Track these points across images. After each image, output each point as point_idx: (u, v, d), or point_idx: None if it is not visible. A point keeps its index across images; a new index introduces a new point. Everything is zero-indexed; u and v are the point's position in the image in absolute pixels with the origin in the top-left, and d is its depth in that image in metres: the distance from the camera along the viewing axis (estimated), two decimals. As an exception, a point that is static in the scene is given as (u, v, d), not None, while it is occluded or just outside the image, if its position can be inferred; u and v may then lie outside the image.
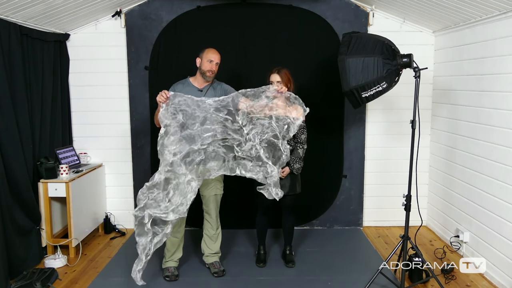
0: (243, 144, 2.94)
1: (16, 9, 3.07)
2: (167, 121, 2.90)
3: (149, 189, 2.87)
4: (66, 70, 4.08)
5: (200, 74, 3.14)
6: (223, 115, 2.95)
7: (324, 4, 4.04)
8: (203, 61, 3.10)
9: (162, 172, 2.87)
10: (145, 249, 2.89)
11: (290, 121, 2.95)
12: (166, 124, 2.89)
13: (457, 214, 3.74)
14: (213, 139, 2.96)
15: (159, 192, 2.87)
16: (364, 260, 3.58)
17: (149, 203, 2.85)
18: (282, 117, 2.95)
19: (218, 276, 3.27)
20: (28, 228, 3.38)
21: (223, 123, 2.95)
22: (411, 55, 2.87)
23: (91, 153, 4.26)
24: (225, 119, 2.95)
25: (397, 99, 4.15)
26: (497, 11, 3.02)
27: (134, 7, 4.04)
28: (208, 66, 3.09)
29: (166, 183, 2.89)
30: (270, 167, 2.91)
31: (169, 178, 2.89)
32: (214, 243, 3.35)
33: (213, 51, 3.13)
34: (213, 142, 2.96)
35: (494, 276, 3.17)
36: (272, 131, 2.94)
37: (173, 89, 3.12)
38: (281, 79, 3.23)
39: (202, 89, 3.16)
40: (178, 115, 2.92)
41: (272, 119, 2.95)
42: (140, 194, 2.87)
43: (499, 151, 3.11)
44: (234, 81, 4.07)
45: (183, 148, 2.89)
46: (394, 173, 4.29)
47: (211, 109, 2.94)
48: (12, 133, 3.16)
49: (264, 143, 2.93)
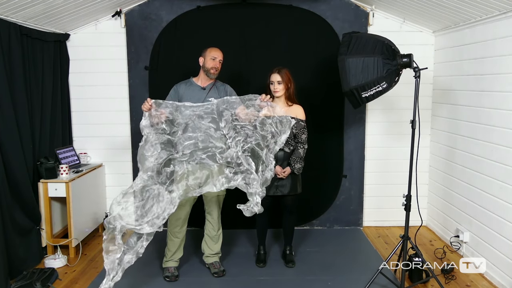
0: (225, 151, 2.86)
1: (16, 9, 3.07)
2: (147, 129, 2.82)
3: (124, 197, 2.70)
4: (66, 70, 4.08)
5: (204, 73, 3.17)
6: (206, 122, 2.89)
7: (324, 4, 4.04)
8: (206, 59, 3.14)
9: (140, 179, 2.73)
10: (113, 269, 2.63)
11: (275, 131, 2.88)
12: (146, 132, 2.81)
13: (457, 214, 3.74)
14: (195, 148, 2.89)
15: (135, 201, 2.69)
16: (364, 260, 3.58)
17: (122, 213, 2.66)
18: (267, 126, 2.88)
19: (218, 276, 3.27)
20: (28, 228, 3.38)
21: (206, 131, 2.89)
22: (411, 55, 2.87)
23: (91, 153, 4.26)
24: (207, 127, 2.89)
25: (397, 99, 4.15)
26: (497, 11, 3.03)
27: (134, 7, 4.04)
28: (211, 64, 3.12)
29: (143, 191, 2.72)
30: (253, 175, 2.81)
31: (146, 186, 2.73)
32: (215, 243, 3.35)
33: (216, 49, 3.18)
34: (194, 152, 2.90)
35: (494, 276, 3.17)
36: (255, 140, 2.87)
37: (175, 89, 3.17)
38: (282, 78, 3.23)
39: (205, 87, 3.18)
40: (159, 123, 2.85)
41: (256, 128, 2.87)
42: (114, 203, 2.69)
43: (499, 151, 3.11)
44: (234, 81, 4.08)
45: (162, 154, 2.78)
46: (394, 173, 4.29)
47: (194, 116, 2.87)
48: (12, 133, 3.16)
49: (248, 152, 2.86)
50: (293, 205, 3.38)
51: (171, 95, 3.17)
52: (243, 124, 2.89)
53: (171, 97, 3.16)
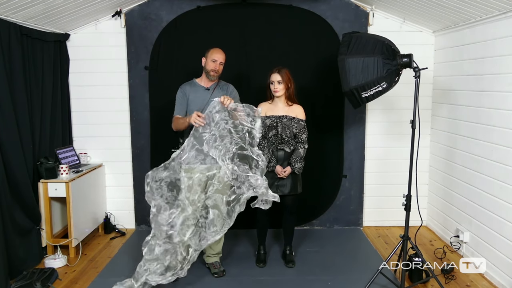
0: (219, 175, 2.93)
1: (16, 9, 3.07)
2: (155, 202, 2.90)
3: (148, 261, 2.89)
4: (66, 70, 4.08)
5: (205, 73, 3.19)
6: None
7: (324, 4, 4.04)
8: (208, 60, 3.16)
9: (160, 244, 2.90)
10: None
11: (248, 127, 2.88)
12: (155, 204, 2.90)
13: (457, 214, 3.74)
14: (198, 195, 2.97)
15: (159, 263, 2.89)
16: (364, 260, 3.58)
17: (149, 276, 2.86)
18: (239, 127, 2.89)
19: (218, 276, 3.27)
20: (28, 228, 3.38)
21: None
22: (411, 55, 2.87)
23: (91, 153, 4.26)
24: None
25: (397, 99, 4.15)
26: (497, 11, 3.02)
27: (134, 7, 4.04)
28: (211, 66, 3.13)
29: (165, 253, 2.91)
30: (253, 177, 2.86)
31: (167, 250, 2.91)
32: (217, 243, 3.36)
33: (218, 50, 3.18)
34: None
35: (494, 276, 3.17)
36: (236, 144, 2.89)
37: (182, 91, 3.18)
38: (282, 78, 3.24)
39: (209, 88, 3.20)
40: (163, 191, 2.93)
41: (231, 132, 2.89)
42: (139, 268, 2.89)
43: (499, 151, 3.11)
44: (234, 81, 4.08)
45: (177, 219, 2.90)
46: (394, 173, 4.29)
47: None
48: (12, 133, 3.16)
49: (236, 159, 2.88)
50: (293, 205, 3.38)
51: (180, 97, 3.17)
52: (220, 136, 2.91)
53: (180, 98, 3.17)
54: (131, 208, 4.33)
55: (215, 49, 3.19)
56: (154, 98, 4.12)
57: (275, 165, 3.25)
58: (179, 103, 3.18)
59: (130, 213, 4.34)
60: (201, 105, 3.14)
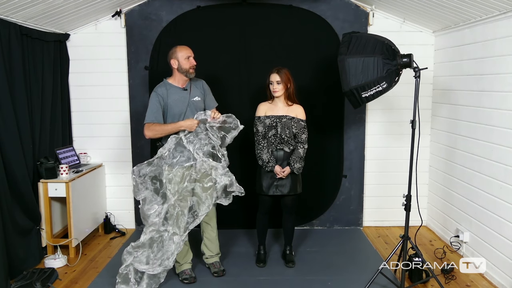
0: (196, 166, 3.05)
1: (16, 9, 3.07)
2: (141, 195, 3.03)
3: (135, 248, 3.02)
4: (66, 70, 4.08)
5: (181, 74, 3.09)
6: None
7: (324, 4, 4.04)
8: (181, 60, 3.05)
9: (146, 232, 3.04)
10: None
11: (224, 133, 3.09)
12: (142, 196, 3.04)
13: (457, 214, 3.74)
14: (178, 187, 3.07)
15: (145, 250, 3.02)
16: (364, 260, 3.58)
17: (135, 261, 2.99)
18: (217, 129, 3.07)
19: (218, 276, 3.27)
20: (28, 228, 3.38)
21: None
22: (411, 55, 2.87)
23: (91, 153, 4.26)
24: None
25: (397, 99, 4.15)
26: (497, 11, 3.02)
27: (134, 7, 4.04)
28: (188, 64, 3.06)
29: (151, 242, 3.04)
30: (220, 168, 3.06)
31: (153, 237, 3.03)
32: (215, 245, 3.36)
33: (185, 47, 3.10)
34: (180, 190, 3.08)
35: (494, 276, 3.17)
36: (210, 143, 3.06)
37: (158, 95, 3.05)
38: (281, 78, 3.24)
39: (185, 88, 3.14)
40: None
41: (208, 130, 3.05)
42: (126, 254, 3.02)
43: (499, 151, 3.11)
44: (234, 81, 4.10)
45: (160, 209, 3.03)
46: (394, 173, 4.29)
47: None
48: (12, 133, 3.16)
49: (206, 155, 3.06)
50: (293, 205, 3.38)
51: (156, 103, 3.03)
52: (196, 133, 3.05)
53: (156, 104, 3.02)
54: (131, 208, 4.33)
55: (182, 47, 3.09)
56: (154, 98, 4.11)
57: (274, 165, 3.25)
58: (155, 109, 3.02)
59: (130, 213, 4.34)
60: (183, 107, 3.07)
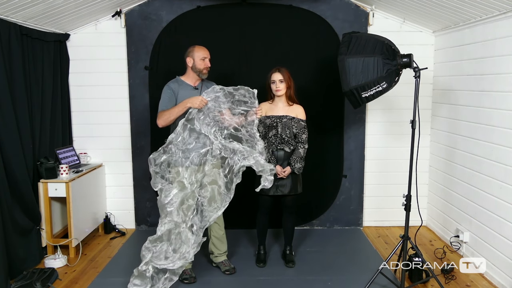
0: (212, 150, 2.97)
1: (16, 9, 3.07)
2: (159, 184, 2.95)
3: (153, 242, 2.89)
4: (66, 70, 4.08)
5: (195, 73, 3.15)
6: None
7: (324, 4, 4.04)
8: (196, 60, 3.12)
9: (162, 224, 2.91)
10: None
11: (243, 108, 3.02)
12: (159, 186, 2.95)
13: (457, 214, 3.74)
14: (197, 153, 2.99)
15: (163, 243, 2.89)
16: (364, 260, 3.58)
17: (154, 256, 2.85)
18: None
19: (230, 273, 3.29)
20: (28, 228, 3.38)
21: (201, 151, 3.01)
22: (411, 55, 2.87)
23: (91, 153, 4.26)
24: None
25: (397, 99, 4.15)
26: (497, 11, 3.03)
27: (134, 7, 4.04)
28: (203, 64, 3.13)
29: (168, 233, 2.90)
30: (245, 149, 2.93)
31: (170, 229, 2.90)
32: (223, 243, 3.37)
33: (203, 48, 3.16)
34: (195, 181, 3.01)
35: (494, 276, 3.17)
36: (230, 126, 2.98)
37: (170, 88, 3.11)
38: (283, 77, 3.25)
39: (197, 87, 3.18)
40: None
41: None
42: (144, 249, 2.88)
43: (499, 151, 3.11)
44: (234, 81, 4.08)
45: (176, 198, 2.93)
46: (394, 173, 4.29)
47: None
48: (12, 133, 3.16)
49: (228, 138, 2.96)
50: (293, 205, 3.38)
51: (168, 94, 3.09)
52: (214, 117, 2.97)
53: (169, 95, 3.09)
54: (131, 208, 4.33)
55: (199, 47, 3.15)
56: (154, 98, 4.11)
57: (275, 165, 3.25)
58: (168, 99, 3.08)
59: (130, 213, 4.34)
60: None
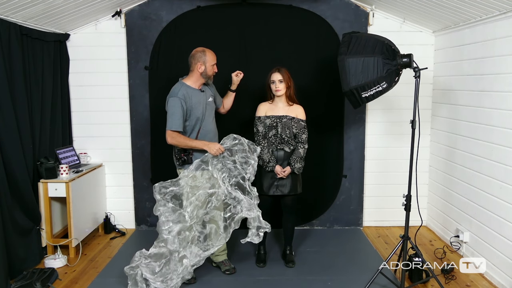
0: (218, 194, 3.07)
1: (16, 9, 3.07)
2: (160, 209, 3.04)
3: (144, 255, 3.04)
4: (66, 70, 4.08)
5: (203, 78, 3.16)
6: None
7: (324, 4, 4.04)
8: (207, 65, 3.12)
9: (157, 246, 3.05)
10: None
11: (251, 161, 3.10)
12: (159, 212, 3.05)
13: (457, 214, 3.74)
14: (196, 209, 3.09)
15: (153, 261, 3.02)
16: (364, 260, 3.58)
17: (142, 266, 2.98)
18: (244, 158, 3.10)
19: (230, 273, 3.30)
20: (28, 228, 3.38)
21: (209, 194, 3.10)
22: (411, 55, 2.88)
23: (91, 153, 4.26)
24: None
25: (397, 99, 4.15)
26: (497, 11, 3.03)
27: (134, 7, 4.04)
28: (212, 70, 3.17)
29: (158, 256, 3.04)
30: (248, 200, 3.03)
31: (162, 253, 3.03)
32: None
33: (213, 54, 3.18)
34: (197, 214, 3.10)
35: (494, 276, 3.17)
36: (239, 174, 3.08)
37: (181, 100, 3.01)
38: (283, 77, 3.25)
39: (202, 89, 3.20)
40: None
41: (236, 163, 3.08)
42: (137, 255, 3.04)
43: (499, 151, 3.11)
44: (234, 81, 4.08)
45: (174, 226, 3.02)
46: (394, 173, 4.29)
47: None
48: (12, 133, 3.16)
49: (234, 185, 3.07)
50: (293, 205, 3.38)
51: (180, 109, 2.99)
52: (226, 164, 3.09)
53: (180, 111, 3.00)
54: (131, 208, 4.33)
55: (210, 52, 3.15)
56: (154, 98, 4.12)
57: (274, 165, 3.25)
58: (179, 116, 3.00)
59: (130, 213, 4.34)
60: (202, 109, 3.14)
